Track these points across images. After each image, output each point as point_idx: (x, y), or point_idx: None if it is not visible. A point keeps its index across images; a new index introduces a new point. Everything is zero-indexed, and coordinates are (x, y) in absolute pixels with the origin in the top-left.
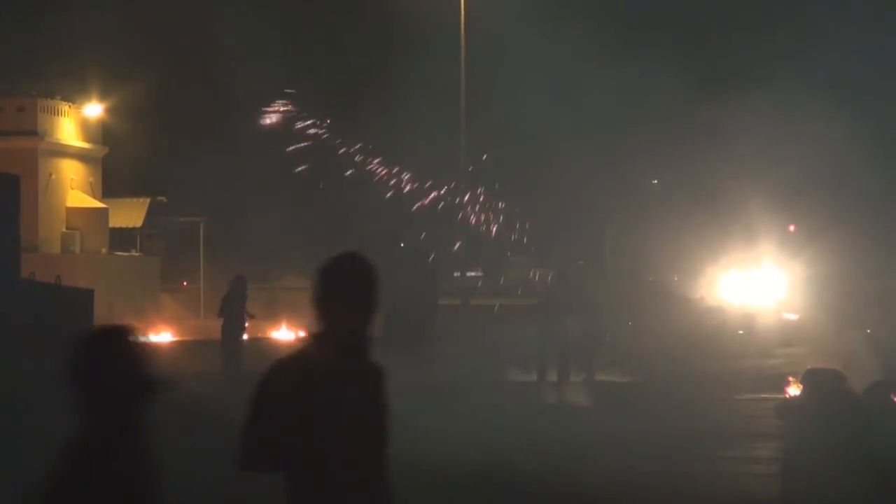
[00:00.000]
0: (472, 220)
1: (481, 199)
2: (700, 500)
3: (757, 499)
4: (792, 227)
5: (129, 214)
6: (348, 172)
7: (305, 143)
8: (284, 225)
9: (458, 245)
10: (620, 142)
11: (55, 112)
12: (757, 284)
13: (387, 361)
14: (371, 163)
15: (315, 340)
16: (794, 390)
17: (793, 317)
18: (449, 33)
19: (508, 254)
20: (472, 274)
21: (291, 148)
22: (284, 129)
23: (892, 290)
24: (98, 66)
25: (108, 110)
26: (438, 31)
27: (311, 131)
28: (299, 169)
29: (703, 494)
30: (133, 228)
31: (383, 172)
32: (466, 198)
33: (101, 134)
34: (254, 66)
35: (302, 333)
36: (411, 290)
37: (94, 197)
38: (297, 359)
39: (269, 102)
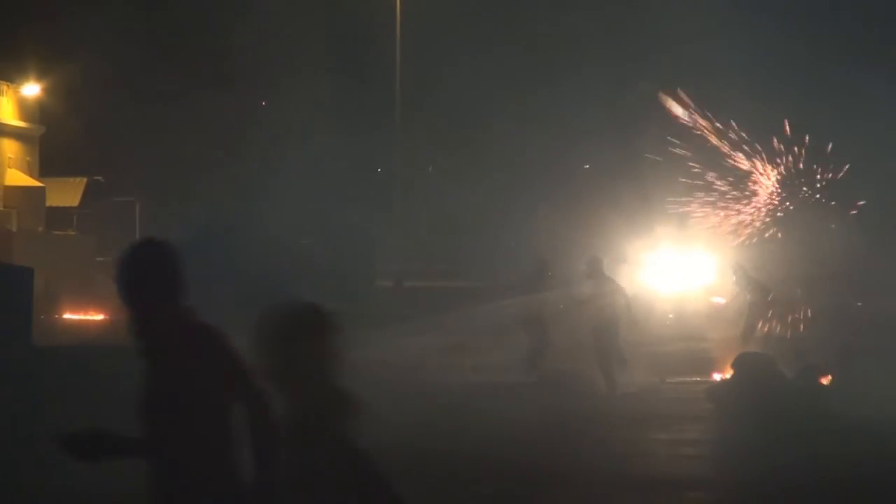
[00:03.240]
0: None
1: None
2: (634, 480)
3: (688, 479)
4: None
5: (66, 194)
6: None
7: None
8: (221, 205)
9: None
10: (555, 125)
11: None
12: (686, 270)
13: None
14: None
15: None
16: (725, 374)
17: (721, 301)
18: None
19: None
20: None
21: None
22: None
23: (823, 275)
24: (36, 46)
25: (46, 90)
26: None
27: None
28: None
29: (637, 474)
30: (69, 208)
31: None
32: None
33: (39, 113)
34: (190, 47)
35: None
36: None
37: (32, 176)
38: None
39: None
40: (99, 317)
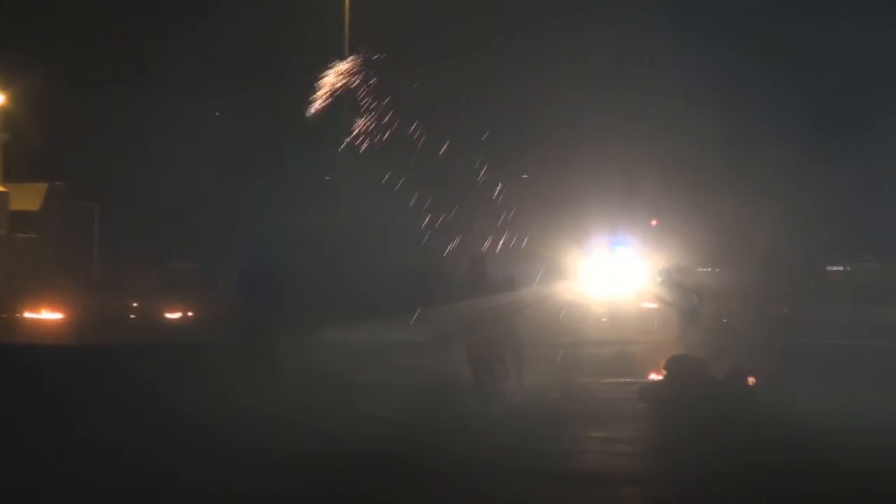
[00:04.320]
0: None
1: None
2: (571, 477)
3: (624, 475)
4: (654, 222)
5: (28, 198)
6: None
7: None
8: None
9: None
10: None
11: None
12: (619, 276)
13: None
14: None
15: None
16: (657, 375)
17: (652, 306)
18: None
19: None
20: None
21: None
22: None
23: (747, 284)
24: None
25: (9, 98)
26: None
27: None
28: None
29: (574, 471)
30: (31, 212)
31: None
32: None
33: (2, 120)
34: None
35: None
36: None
37: None
38: None
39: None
40: (57, 315)
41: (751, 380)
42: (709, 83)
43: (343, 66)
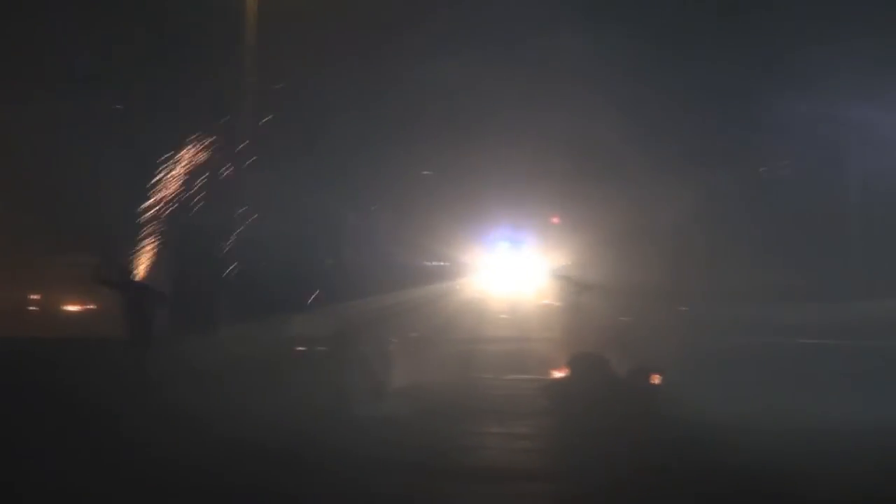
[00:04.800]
0: None
1: None
2: (474, 472)
3: (525, 471)
4: (555, 219)
5: None
6: None
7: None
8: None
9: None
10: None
11: None
12: (519, 273)
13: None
14: None
15: None
16: (561, 373)
17: (551, 303)
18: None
19: None
20: None
21: None
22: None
23: (648, 282)
24: None
25: None
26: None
27: None
28: None
29: (473, 466)
30: None
31: None
32: None
33: None
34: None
35: None
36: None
37: None
38: None
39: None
40: None
41: (654, 378)
42: (619, 73)
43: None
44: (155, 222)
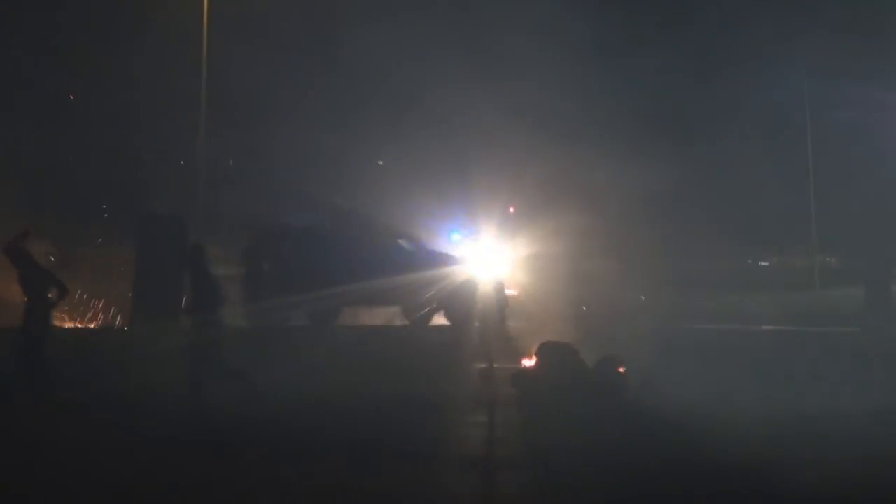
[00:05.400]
0: None
1: None
2: (447, 460)
3: (498, 459)
4: (511, 209)
5: None
6: None
7: None
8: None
9: None
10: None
11: None
12: (478, 263)
13: None
14: None
15: None
16: (529, 361)
17: (512, 293)
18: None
19: None
20: None
21: None
22: None
23: (600, 270)
24: None
25: None
26: None
27: None
28: None
29: (446, 455)
30: None
31: None
32: None
33: None
34: None
35: None
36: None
37: None
38: None
39: None
40: None
41: (621, 368)
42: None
43: None
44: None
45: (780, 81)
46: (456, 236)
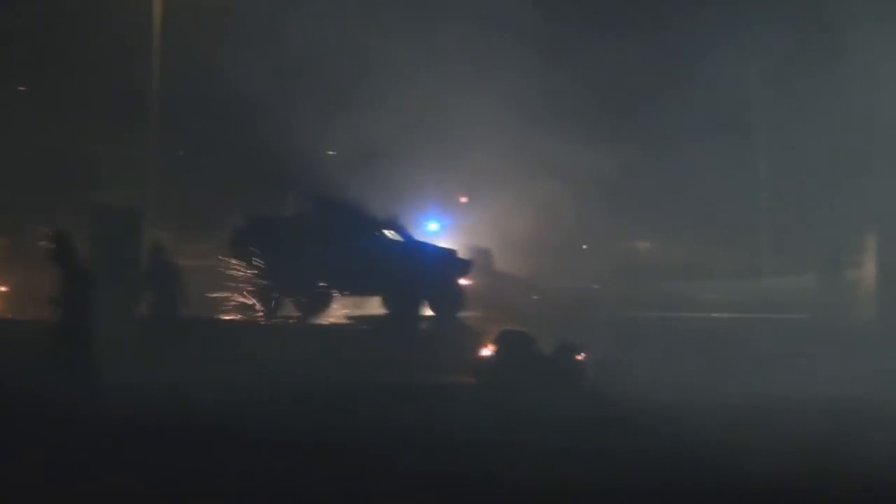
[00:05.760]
0: None
1: None
2: (408, 447)
3: (459, 446)
4: (463, 198)
5: None
6: None
7: None
8: None
9: None
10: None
11: None
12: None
13: None
14: None
15: None
16: (487, 350)
17: (468, 282)
18: None
19: None
20: None
21: None
22: None
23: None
24: None
25: None
26: None
27: None
28: None
29: (409, 441)
30: None
31: None
32: None
33: None
34: None
35: None
36: None
37: None
38: None
39: None
40: None
41: (579, 356)
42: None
43: None
44: None
45: (731, 70)
46: (432, 225)
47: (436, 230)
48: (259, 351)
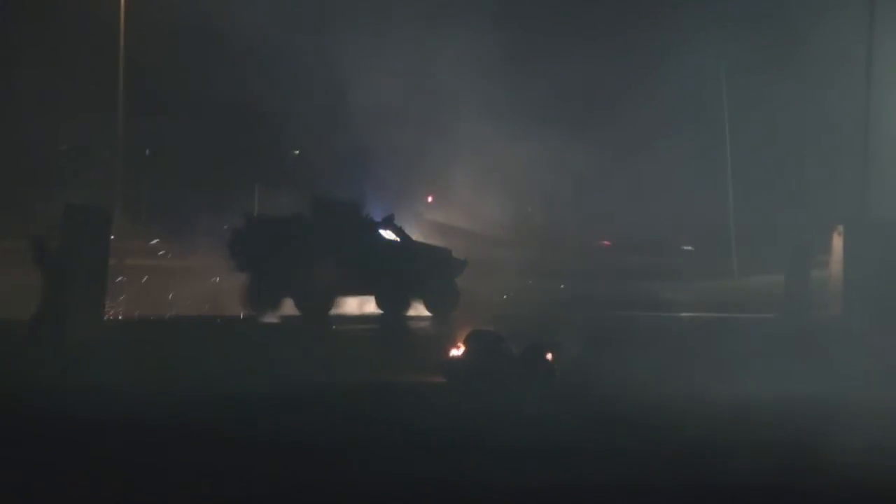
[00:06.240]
0: None
1: None
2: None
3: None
4: (430, 198)
5: None
6: None
7: None
8: None
9: None
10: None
11: None
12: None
13: None
14: None
15: None
16: (457, 350)
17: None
18: None
19: None
20: None
21: None
22: None
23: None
24: None
25: None
26: None
27: None
28: None
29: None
30: None
31: None
32: None
33: None
34: None
35: None
36: None
37: None
38: None
39: None
40: None
41: (548, 355)
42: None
43: None
44: None
45: (700, 75)
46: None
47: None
48: (231, 350)
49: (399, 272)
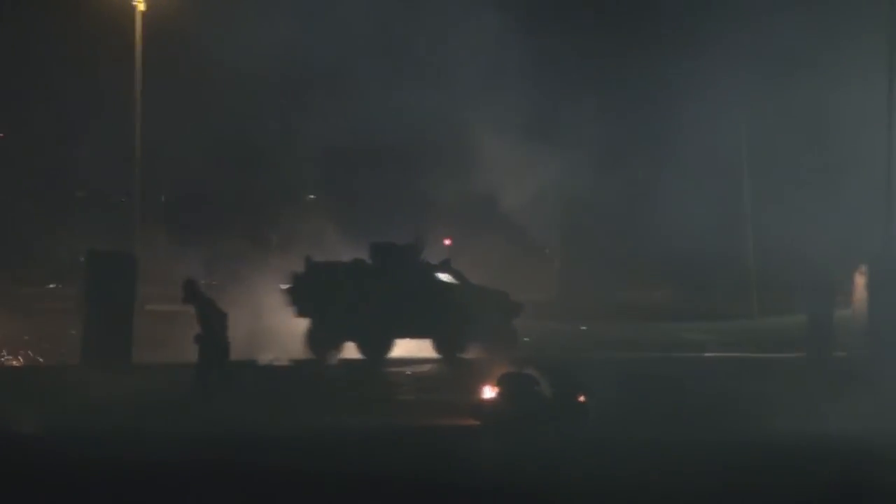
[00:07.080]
0: None
1: None
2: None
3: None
4: (448, 241)
5: None
6: None
7: None
8: None
9: None
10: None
11: None
12: None
13: None
14: None
15: None
16: (489, 392)
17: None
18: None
19: None
20: None
21: None
22: None
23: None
24: None
25: None
26: None
27: None
28: None
29: (418, 480)
30: None
31: None
32: None
33: None
34: None
35: None
36: None
37: None
38: None
39: None
40: None
41: (581, 397)
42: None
43: None
44: None
45: (720, 114)
46: None
47: None
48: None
49: (457, 315)
